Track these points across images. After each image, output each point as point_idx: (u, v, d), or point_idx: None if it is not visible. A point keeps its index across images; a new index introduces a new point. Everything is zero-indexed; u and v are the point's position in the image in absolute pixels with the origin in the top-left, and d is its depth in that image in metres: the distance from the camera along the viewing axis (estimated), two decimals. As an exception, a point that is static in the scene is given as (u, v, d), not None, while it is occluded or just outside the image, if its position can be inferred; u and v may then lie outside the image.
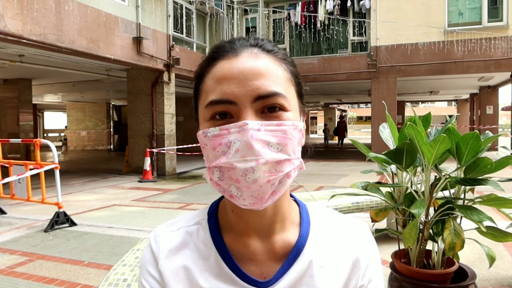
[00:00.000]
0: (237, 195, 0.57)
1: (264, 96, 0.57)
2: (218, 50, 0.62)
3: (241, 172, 0.55)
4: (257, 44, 0.62)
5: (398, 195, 2.31)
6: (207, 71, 0.62)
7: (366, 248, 0.70)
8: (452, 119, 2.13)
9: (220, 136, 0.57)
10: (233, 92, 0.57)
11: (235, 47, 0.61)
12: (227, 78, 0.58)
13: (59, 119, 32.67)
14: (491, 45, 11.52)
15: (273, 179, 0.56)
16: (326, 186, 8.18)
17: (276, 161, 0.56)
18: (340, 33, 13.43)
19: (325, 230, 0.69)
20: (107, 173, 10.95)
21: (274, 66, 0.60)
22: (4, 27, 5.96)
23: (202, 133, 0.60)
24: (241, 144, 0.55)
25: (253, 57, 0.60)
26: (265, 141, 0.56)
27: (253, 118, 0.57)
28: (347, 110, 38.29)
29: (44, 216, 5.54)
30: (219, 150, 0.57)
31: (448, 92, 19.77)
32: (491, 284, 3.08)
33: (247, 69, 0.58)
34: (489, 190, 1.93)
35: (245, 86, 0.57)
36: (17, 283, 3.28)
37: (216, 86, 0.59)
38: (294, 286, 0.63)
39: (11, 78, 12.77)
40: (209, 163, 0.59)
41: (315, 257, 0.65)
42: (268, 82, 0.58)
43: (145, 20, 9.34)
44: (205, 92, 0.61)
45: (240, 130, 0.56)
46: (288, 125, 0.58)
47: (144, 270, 0.67)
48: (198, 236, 0.67)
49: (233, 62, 0.59)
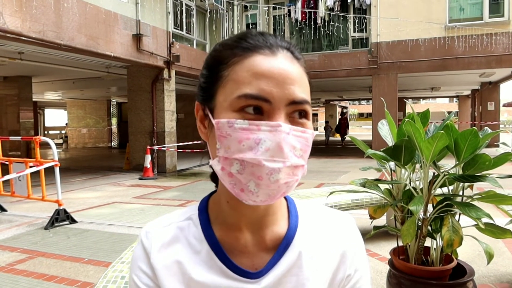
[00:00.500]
0: (253, 191, 0.57)
1: (297, 102, 0.59)
2: (250, 40, 0.61)
3: (267, 170, 0.56)
4: (289, 48, 0.63)
5: (396, 192, 2.31)
6: (237, 60, 0.60)
7: (352, 239, 0.72)
8: (450, 116, 2.12)
9: (248, 131, 0.57)
10: (272, 91, 0.57)
11: (270, 44, 0.61)
12: (267, 76, 0.58)
13: (60, 117, 32.70)
14: (493, 41, 11.48)
15: (289, 182, 0.59)
16: (326, 183, 8.18)
17: (295, 166, 0.58)
18: (341, 30, 13.39)
19: (313, 223, 0.71)
20: (108, 171, 10.97)
21: (303, 75, 0.62)
22: (3, 24, 5.95)
23: (227, 123, 0.58)
24: (272, 144, 0.56)
25: (289, 61, 0.61)
26: (292, 145, 0.58)
27: (284, 120, 0.58)
28: (348, 106, 38.24)
29: (45, 213, 5.56)
30: (246, 144, 0.56)
31: (449, 88, 19.73)
32: (490, 281, 3.08)
33: (286, 72, 0.59)
34: (490, 186, 1.92)
35: (283, 88, 0.58)
36: (17, 280, 3.29)
37: (253, 80, 0.58)
38: (285, 276, 0.65)
39: (11, 76, 12.77)
40: (228, 154, 0.58)
41: (304, 248, 0.67)
42: (300, 89, 0.60)
43: (144, 17, 9.32)
44: (236, 82, 0.59)
45: (273, 130, 0.56)
46: (310, 134, 0.61)
47: (136, 267, 0.68)
48: (189, 231, 0.68)
49: (272, 61, 0.59)
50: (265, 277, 0.64)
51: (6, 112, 13.12)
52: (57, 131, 29.06)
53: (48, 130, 29.56)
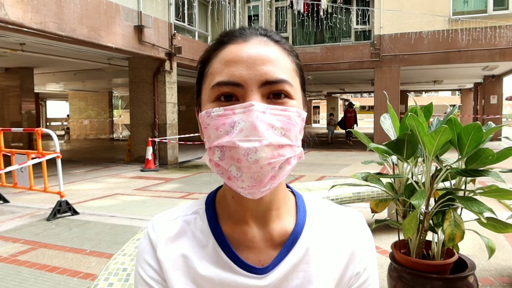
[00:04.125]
0: (237, 176, 0.57)
1: (271, 82, 0.58)
2: (227, 35, 0.63)
3: (243, 151, 0.55)
4: (266, 34, 0.63)
5: (398, 186, 2.30)
6: (214, 54, 0.63)
7: (362, 237, 0.71)
8: (454, 110, 2.11)
9: (224, 116, 0.57)
10: (241, 75, 0.58)
11: (245, 33, 0.62)
12: (236, 61, 0.59)
13: (62, 108, 32.68)
14: (496, 34, 11.40)
15: (274, 162, 0.57)
16: (328, 176, 8.18)
17: (278, 145, 0.57)
18: (343, 22, 13.30)
19: (321, 219, 0.70)
20: (110, 162, 10.98)
21: (281, 56, 0.62)
22: (4, 15, 5.92)
23: (205, 113, 0.60)
24: (246, 124, 0.55)
25: (263, 44, 0.61)
26: (269, 124, 0.56)
27: (259, 101, 0.57)
28: (350, 99, 38.13)
29: (47, 204, 5.58)
30: (222, 130, 0.57)
31: (452, 81, 19.63)
32: (491, 275, 3.08)
33: (256, 54, 0.59)
34: (492, 181, 1.92)
35: (254, 70, 0.58)
36: (20, 271, 3.31)
37: (224, 69, 0.59)
38: (291, 272, 0.64)
39: (13, 67, 12.75)
40: (210, 143, 0.59)
41: (311, 245, 0.66)
42: (275, 69, 0.59)
43: (146, 8, 9.26)
44: (211, 75, 0.61)
45: (246, 110, 0.56)
46: (293, 112, 0.59)
47: (141, 260, 0.67)
48: (196, 225, 0.68)
49: (242, 47, 0.60)
50: (271, 273, 0.64)
51: (8, 104, 13.12)
52: (59, 123, 29.10)
53: (50, 122, 29.59)
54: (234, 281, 0.63)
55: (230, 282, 0.63)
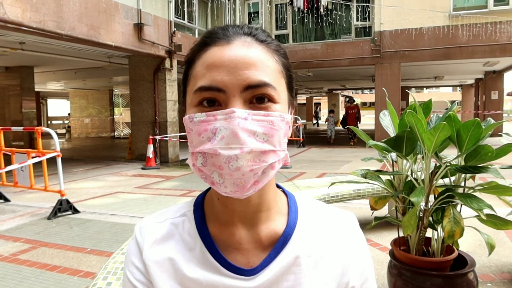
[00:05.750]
0: (219, 182, 0.57)
1: (253, 86, 0.57)
2: (210, 36, 0.62)
3: (224, 159, 0.55)
4: (251, 33, 0.62)
5: (398, 183, 2.30)
6: (198, 56, 0.62)
7: (355, 239, 0.70)
8: (453, 106, 2.10)
9: (206, 122, 0.57)
10: (223, 80, 0.57)
11: (228, 34, 0.61)
12: (218, 65, 0.58)
13: (63, 107, 32.69)
14: (497, 30, 11.35)
15: (256, 169, 0.56)
16: (328, 172, 8.17)
17: (260, 151, 0.56)
18: (343, 18, 13.26)
19: (313, 221, 0.69)
20: (110, 160, 10.99)
21: (265, 57, 0.60)
22: (3, 14, 5.91)
23: (188, 118, 0.59)
24: (227, 131, 0.55)
25: (246, 46, 0.59)
26: (251, 131, 0.56)
27: (241, 107, 0.57)
28: (351, 96, 38.05)
29: (47, 203, 5.59)
30: (204, 136, 0.57)
31: (453, 77, 19.58)
32: (491, 271, 3.08)
33: (238, 58, 0.58)
34: (492, 177, 1.91)
35: (235, 75, 0.57)
36: (20, 270, 3.32)
37: (206, 73, 0.58)
38: (282, 275, 0.63)
39: (13, 66, 12.74)
40: (193, 148, 0.59)
41: (302, 247, 0.65)
42: (258, 72, 0.58)
43: (146, 6, 9.24)
44: (194, 78, 0.60)
45: (227, 117, 0.55)
46: (276, 116, 0.58)
47: (129, 262, 0.67)
48: (184, 228, 0.67)
49: (225, 50, 0.59)
50: (260, 275, 0.63)
51: (9, 102, 13.13)
52: (60, 121, 29.12)
53: (51, 120, 29.60)
54: (221, 283, 0.62)
55: (218, 284, 0.62)
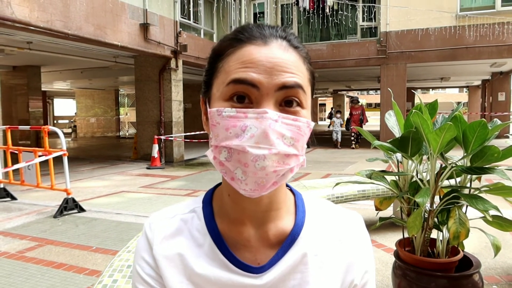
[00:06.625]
0: (241, 179, 0.58)
1: (288, 86, 0.58)
2: (245, 32, 0.62)
3: (252, 157, 0.56)
4: (286, 37, 0.62)
5: (403, 183, 2.29)
6: (232, 51, 0.61)
7: (361, 240, 0.71)
8: (459, 107, 2.10)
9: (236, 118, 0.57)
10: (259, 77, 0.57)
11: (265, 35, 0.61)
12: (255, 63, 0.58)
13: (69, 106, 32.89)
14: (504, 30, 11.27)
15: (279, 171, 0.58)
16: (333, 173, 8.16)
17: (285, 154, 0.57)
18: (349, 19, 13.23)
19: (320, 220, 0.70)
20: (116, 160, 11.04)
21: (299, 63, 0.61)
22: (11, 14, 5.96)
23: (216, 111, 0.59)
24: (258, 131, 0.56)
25: (283, 49, 0.60)
26: (280, 133, 0.57)
27: (272, 107, 0.58)
28: (357, 96, 37.94)
29: (54, 202, 5.63)
30: (232, 131, 0.57)
31: (460, 78, 19.46)
32: (497, 273, 3.06)
33: (275, 60, 0.59)
34: (498, 178, 1.90)
35: (272, 74, 0.58)
36: (27, 267, 3.35)
37: (241, 68, 0.59)
38: (289, 273, 0.64)
39: (20, 65, 12.84)
40: (217, 141, 0.59)
41: (310, 246, 0.66)
42: (293, 75, 0.59)
43: (152, 6, 9.28)
44: (227, 72, 0.60)
45: (259, 117, 0.56)
46: (303, 122, 0.60)
47: (139, 257, 0.68)
48: (193, 224, 0.68)
49: (262, 50, 0.59)
50: (268, 273, 0.64)
51: (16, 102, 13.23)
52: (66, 121, 29.28)
53: (57, 120, 29.81)
54: (229, 279, 0.63)
55: (226, 281, 0.63)
